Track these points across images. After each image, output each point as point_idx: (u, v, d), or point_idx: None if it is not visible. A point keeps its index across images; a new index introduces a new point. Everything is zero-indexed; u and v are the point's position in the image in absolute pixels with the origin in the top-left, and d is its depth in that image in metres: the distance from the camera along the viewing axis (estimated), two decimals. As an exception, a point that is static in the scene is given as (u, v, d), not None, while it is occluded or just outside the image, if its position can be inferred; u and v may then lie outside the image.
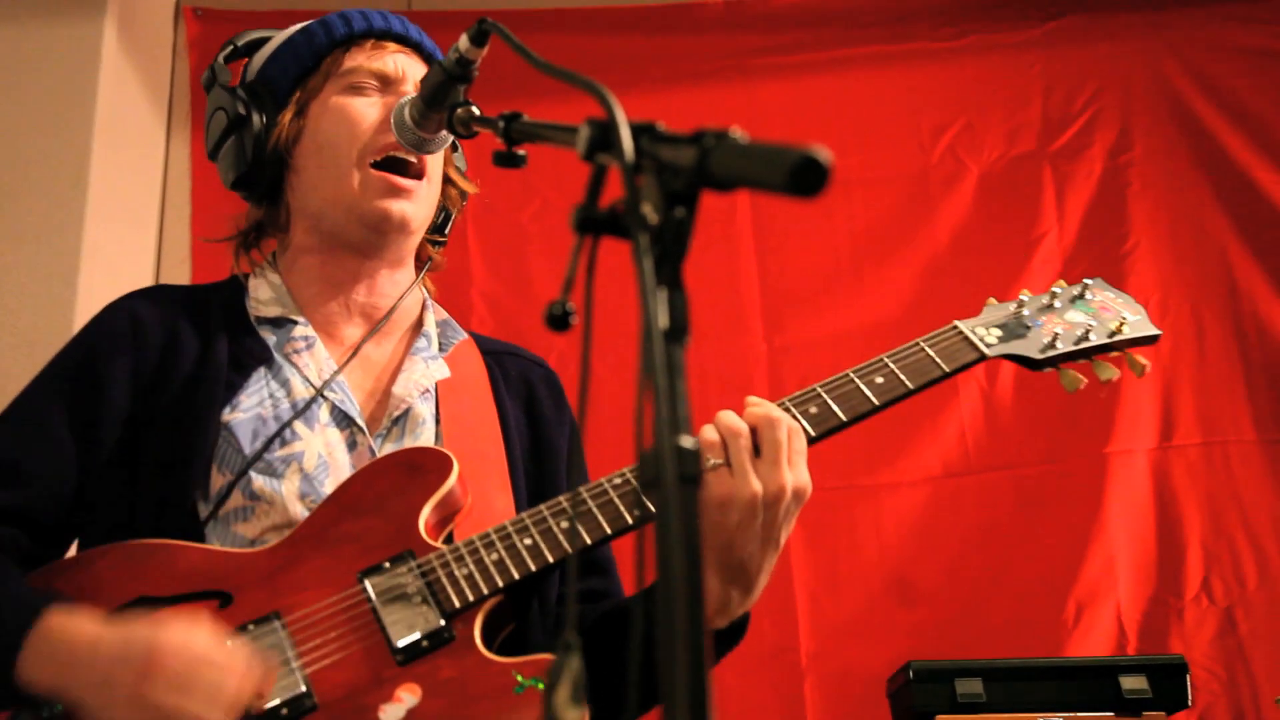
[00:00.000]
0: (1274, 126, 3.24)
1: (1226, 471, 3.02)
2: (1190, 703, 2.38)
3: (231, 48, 1.70)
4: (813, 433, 1.46)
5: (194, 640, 1.29)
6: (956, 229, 3.21)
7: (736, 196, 2.96)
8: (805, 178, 0.75)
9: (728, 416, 1.39)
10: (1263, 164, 3.21)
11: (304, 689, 1.33)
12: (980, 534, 3.02)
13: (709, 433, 1.38)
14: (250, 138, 1.61)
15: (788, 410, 1.45)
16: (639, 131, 0.87)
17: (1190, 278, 3.16)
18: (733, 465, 1.36)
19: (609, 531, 1.42)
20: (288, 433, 1.51)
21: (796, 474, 1.38)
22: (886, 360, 1.55)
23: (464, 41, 1.38)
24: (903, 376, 1.54)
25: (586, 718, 0.94)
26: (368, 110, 1.58)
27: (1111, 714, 2.35)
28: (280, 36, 1.68)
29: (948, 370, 1.57)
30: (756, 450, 1.38)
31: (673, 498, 0.74)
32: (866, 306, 3.11)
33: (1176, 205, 3.21)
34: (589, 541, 1.44)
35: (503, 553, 1.40)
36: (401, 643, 1.36)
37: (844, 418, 1.50)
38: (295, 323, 1.60)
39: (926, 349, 1.57)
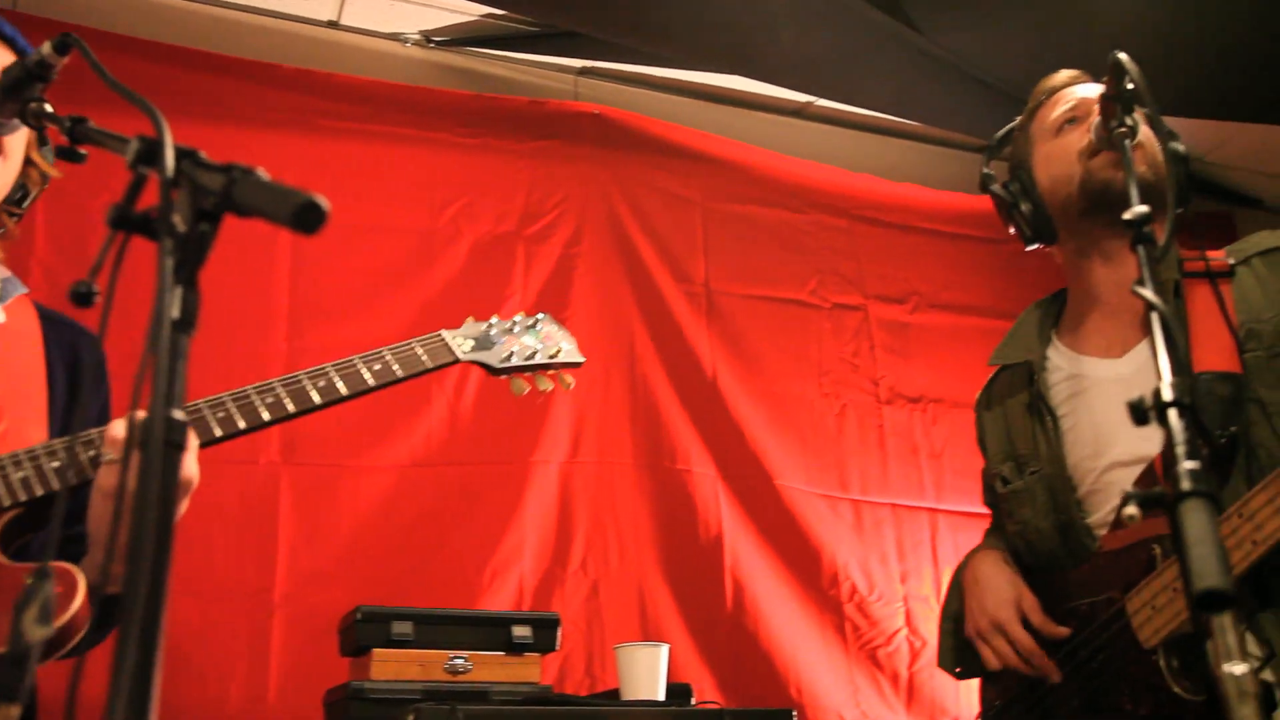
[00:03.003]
0: (673, 245, 3.57)
1: (610, 484, 3.24)
2: (558, 647, 2.52)
3: None
4: (319, 400, 1.44)
5: None
6: (450, 279, 3.25)
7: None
8: (305, 217, 0.75)
9: (115, 427, 1.31)
10: (663, 271, 3.51)
11: None
12: (431, 512, 3.04)
13: (117, 429, 1.28)
14: None
15: (299, 382, 1.42)
16: (182, 154, 0.84)
17: (606, 343, 3.37)
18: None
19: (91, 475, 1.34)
20: None
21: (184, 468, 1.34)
22: (385, 352, 1.56)
23: (47, 47, 1.28)
24: (395, 366, 1.56)
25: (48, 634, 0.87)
26: None
27: (503, 653, 2.43)
28: None
29: (430, 366, 1.61)
30: None
31: (157, 456, 0.73)
32: (375, 327, 3.06)
33: (605, 289, 3.43)
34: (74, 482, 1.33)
35: (29, 471, 1.29)
36: None
37: (345, 391, 1.49)
38: None
39: (417, 348, 1.60)
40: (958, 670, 1.83)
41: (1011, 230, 1.81)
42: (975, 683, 1.84)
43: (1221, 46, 3.26)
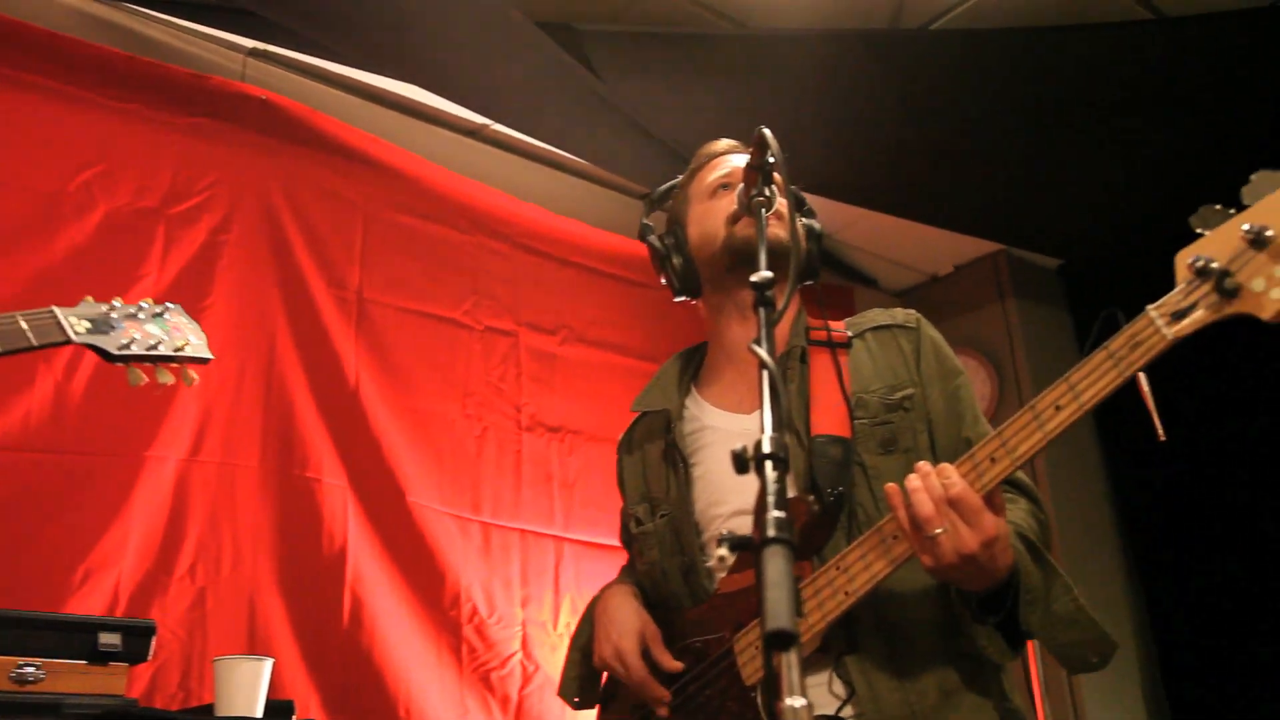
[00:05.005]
0: (329, 247, 3.44)
1: (230, 486, 3.04)
2: (151, 656, 2.34)
3: None
4: None
5: None
6: (74, 250, 2.94)
7: None
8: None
9: None
10: (315, 272, 3.38)
11: None
12: (20, 503, 2.72)
13: None
14: None
15: None
16: None
17: (246, 339, 3.19)
18: None
19: None
20: None
21: None
22: None
23: None
24: None
25: None
26: None
27: (85, 662, 2.22)
28: None
29: (35, 344, 1.46)
30: None
31: None
32: (-26, 291, 2.73)
33: (250, 282, 3.24)
34: None
35: None
36: None
37: None
38: None
39: (21, 321, 1.45)
40: (576, 700, 1.89)
41: (663, 280, 1.91)
42: (590, 711, 1.91)
43: (868, 141, 3.64)
